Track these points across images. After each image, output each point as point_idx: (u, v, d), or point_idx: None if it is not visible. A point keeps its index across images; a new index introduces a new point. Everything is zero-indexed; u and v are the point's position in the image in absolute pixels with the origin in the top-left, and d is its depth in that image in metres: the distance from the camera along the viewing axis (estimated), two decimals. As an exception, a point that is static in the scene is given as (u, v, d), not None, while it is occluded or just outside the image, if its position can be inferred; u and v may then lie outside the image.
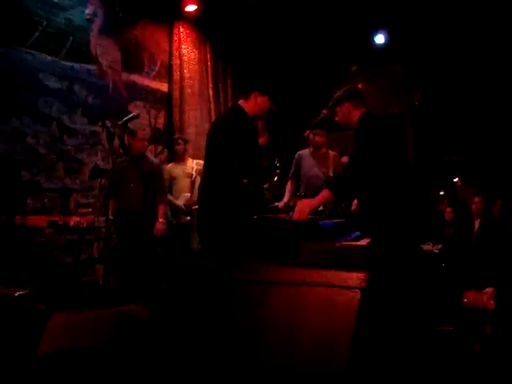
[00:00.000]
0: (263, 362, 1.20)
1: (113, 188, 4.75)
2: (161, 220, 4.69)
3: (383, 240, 2.86)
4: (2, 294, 3.18)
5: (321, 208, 3.32)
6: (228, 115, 3.64)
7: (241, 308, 1.28)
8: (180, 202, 5.42)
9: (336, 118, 3.15)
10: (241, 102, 3.36)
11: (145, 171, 4.77)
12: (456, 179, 7.88)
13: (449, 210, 6.40)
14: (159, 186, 4.89)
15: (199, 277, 1.46)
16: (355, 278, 1.19)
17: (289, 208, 4.25)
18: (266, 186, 4.84)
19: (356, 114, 3.04)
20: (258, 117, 3.38)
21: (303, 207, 2.75)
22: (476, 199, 5.43)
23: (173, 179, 5.62)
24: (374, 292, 1.48)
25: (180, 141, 5.77)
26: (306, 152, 5.03)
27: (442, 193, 7.63)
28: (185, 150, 5.73)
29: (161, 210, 4.74)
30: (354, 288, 1.18)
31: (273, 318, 1.24)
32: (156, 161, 5.24)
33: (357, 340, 1.12)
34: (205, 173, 3.44)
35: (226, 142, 3.19)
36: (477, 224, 5.43)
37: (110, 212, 4.56)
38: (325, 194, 2.82)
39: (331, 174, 4.70)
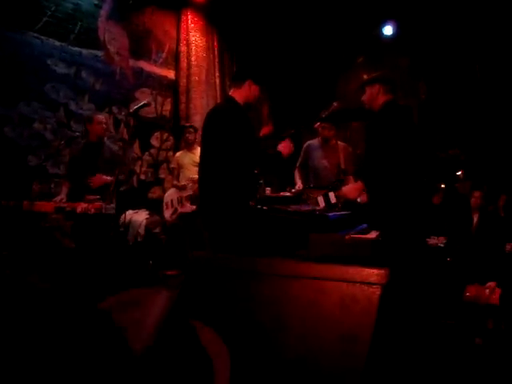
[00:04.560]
0: (284, 355, 1.22)
1: (71, 174, 4.67)
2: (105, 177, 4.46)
3: (391, 233, 2.89)
4: (12, 278, 3.22)
5: (334, 201, 3.34)
6: (220, 106, 3.69)
7: (262, 301, 1.30)
8: (187, 192, 5.44)
9: (363, 97, 3.23)
10: (232, 91, 3.41)
11: (103, 158, 4.61)
12: (459, 172, 7.88)
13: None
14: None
15: (220, 270, 1.48)
16: (376, 274, 1.21)
17: (299, 198, 4.25)
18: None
19: (382, 99, 3.12)
20: (251, 105, 3.43)
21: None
22: (476, 194, 5.46)
23: (181, 167, 5.63)
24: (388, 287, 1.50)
25: (191, 129, 5.74)
26: (315, 142, 5.00)
27: (443, 186, 7.60)
28: (195, 139, 5.73)
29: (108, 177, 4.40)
30: (375, 284, 1.20)
31: (293, 312, 1.26)
32: (115, 147, 4.95)
33: (376, 335, 1.14)
34: (202, 165, 3.44)
35: (221, 132, 3.24)
36: (475, 218, 5.47)
37: (64, 195, 4.49)
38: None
39: (343, 165, 4.69)
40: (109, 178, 4.42)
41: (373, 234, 2.92)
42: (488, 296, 4.20)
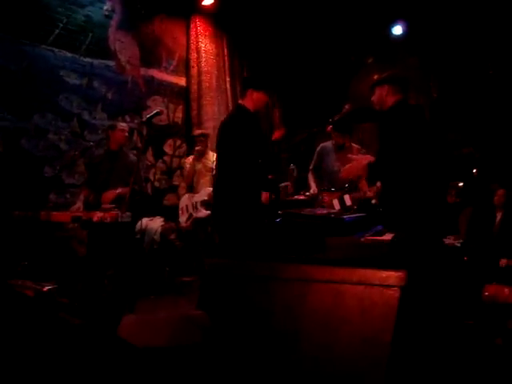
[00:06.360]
0: (302, 360, 1.22)
1: (90, 181, 4.71)
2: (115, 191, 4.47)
3: (407, 234, 2.87)
4: (32, 289, 3.27)
5: (349, 204, 3.35)
6: (232, 115, 3.80)
7: (280, 306, 1.30)
8: (202, 197, 5.47)
9: (372, 98, 3.22)
10: (240, 100, 3.61)
11: (121, 167, 4.62)
12: (474, 170, 7.80)
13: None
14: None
15: (236, 276, 1.49)
16: (395, 276, 1.21)
17: (314, 201, 4.26)
18: (284, 184, 4.86)
19: (391, 99, 3.11)
20: (260, 111, 3.61)
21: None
22: (499, 192, 5.41)
23: (194, 173, 5.67)
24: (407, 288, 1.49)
25: (202, 138, 5.75)
26: (329, 145, 4.97)
27: (460, 184, 7.52)
28: (206, 146, 5.76)
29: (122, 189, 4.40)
30: (394, 286, 1.20)
31: (312, 317, 1.26)
32: (133, 157, 4.84)
33: (397, 338, 1.14)
34: (218, 172, 3.55)
35: (234, 140, 3.33)
36: (498, 216, 5.41)
37: (81, 203, 4.50)
38: None
39: None
40: (120, 190, 4.45)
41: (388, 236, 2.91)
42: (507, 295, 4.16)
